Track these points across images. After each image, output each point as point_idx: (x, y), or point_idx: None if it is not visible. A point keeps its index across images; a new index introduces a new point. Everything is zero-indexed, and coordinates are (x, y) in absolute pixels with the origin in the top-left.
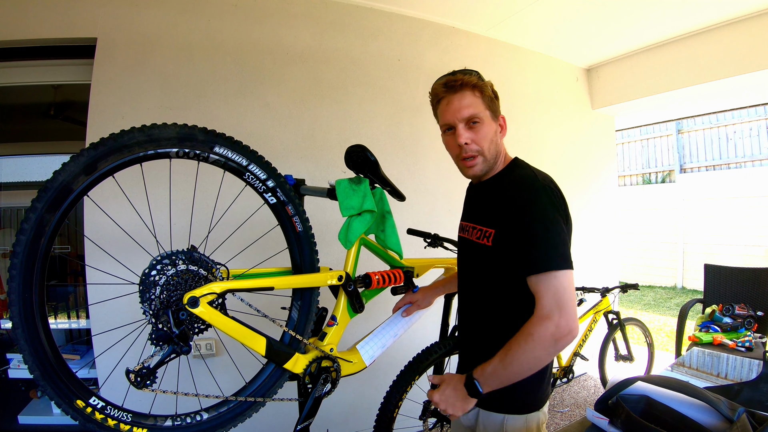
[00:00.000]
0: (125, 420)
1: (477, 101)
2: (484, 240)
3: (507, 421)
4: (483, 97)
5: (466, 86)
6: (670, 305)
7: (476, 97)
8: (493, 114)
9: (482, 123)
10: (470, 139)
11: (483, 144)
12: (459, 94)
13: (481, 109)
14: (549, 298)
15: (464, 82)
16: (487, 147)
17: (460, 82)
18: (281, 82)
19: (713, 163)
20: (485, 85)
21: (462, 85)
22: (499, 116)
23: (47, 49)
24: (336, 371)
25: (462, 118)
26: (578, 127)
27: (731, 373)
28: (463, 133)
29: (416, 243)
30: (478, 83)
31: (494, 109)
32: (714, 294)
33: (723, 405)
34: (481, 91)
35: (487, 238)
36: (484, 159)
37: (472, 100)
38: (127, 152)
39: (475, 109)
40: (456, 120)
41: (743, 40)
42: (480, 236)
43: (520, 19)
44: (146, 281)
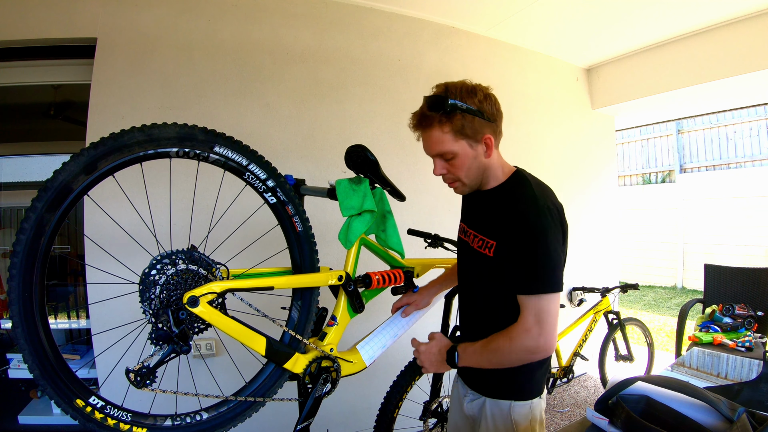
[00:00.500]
0: (125, 419)
1: (445, 137)
2: (485, 250)
3: (513, 408)
4: (452, 129)
5: (433, 122)
6: (670, 305)
7: (445, 133)
8: (470, 140)
9: (455, 156)
10: (445, 169)
11: (458, 173)
12: (427, 132)
13: (450, 144)
14: (531, 316)
15: (429, 120)
16: (464, 174)
17: (427, 120)
18: (281, 82)
19: (713, 163)
20: (454, 117)
21: (429, 122)
22: (482, 138)
23: (47, 49)
24: (336, 371)
25: (434, 154)
26: (578, 127)
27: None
28: (437, 165)
29: (416, 243)
30: (442, 118)
31: (471, 134)
32: (714, 294)
33: (723, 405)
34: (449, 123)
35: (489, 248)
36: (463, 183)
37: (439, 137)
38: (127, 152)
39: (443, 146)
40: (430, 154)
41: (743, 40)
42: (482, 246)
43: (520, 19)
44: (146, 281)
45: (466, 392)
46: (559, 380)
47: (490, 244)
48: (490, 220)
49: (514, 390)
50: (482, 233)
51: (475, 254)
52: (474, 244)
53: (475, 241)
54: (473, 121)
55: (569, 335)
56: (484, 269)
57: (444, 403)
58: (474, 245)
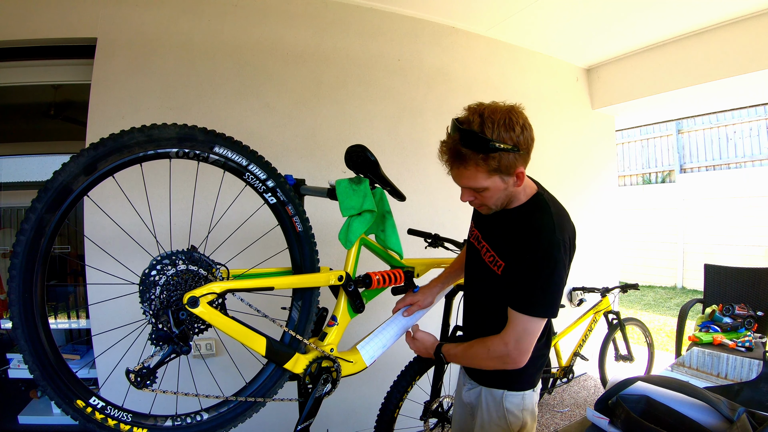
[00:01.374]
0: (125, 420)
1: (480, 175)
2: (495, 267)
3: (506, 397)
4: (488, 169)
5: (468, 162)
6: (670, 305)
7: (479, 171)
8: (503, 175)
9: (486, 189)
10: (473, 197)
11: (487, 202)
12: (461, 169)
13: (483, 180)
14: (513, 333)
15: (464, 158)
16: (493, 203)
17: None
18: (281, 82)
19: (713, 163)
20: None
21: (463, 160)
22: (515, 172)
23: (47, 49)
24: (336, 371)
25: (464, 186)
26: (578, 127)
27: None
28: (465, 194)
29: (416, 243)
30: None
31: (506, 170)
32: (714, 294)
33: (723, 405)
34: (485, 164)
35: (498, 267)
36: (489, 208)
37: (473, 174)
38: (127, 152)
39: (476, 182)
40: (459, 185)
41: (743, 40)
42: (492, 262)
43: (520, 19)
44: (146, 281)
45: (465, 381)
46: (559, 380)
47: (500, 264)
48: (504, 241)
49: (508, 381)
50: (494, 250)
51: (484, 267)
52: (485, 257)
53: (486, 255)
54: (509, 157)
55: (569, 335)
56: (491, 284)
57: (444, 403)
58: (485, 258)
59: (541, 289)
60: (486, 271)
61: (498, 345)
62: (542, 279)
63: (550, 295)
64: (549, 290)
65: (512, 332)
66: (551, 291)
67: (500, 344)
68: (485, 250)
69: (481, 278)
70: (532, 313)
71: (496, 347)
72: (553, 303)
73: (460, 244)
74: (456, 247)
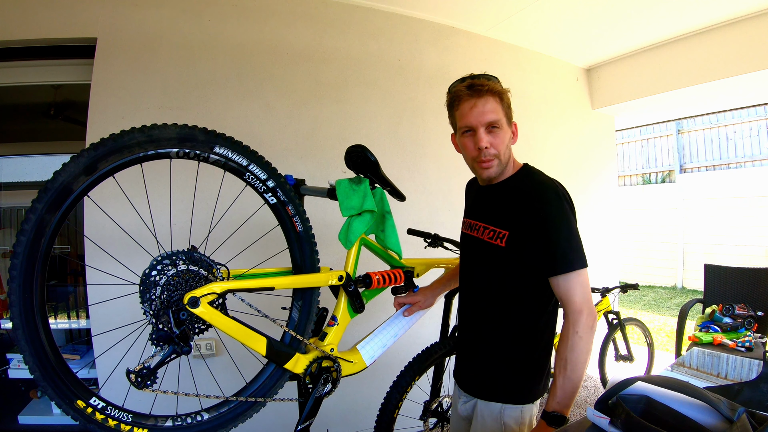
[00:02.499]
0: (126, 420)
1: (499, 108)
2: (497, 240)
3: (504, 410)
4: (503, 104)
5: (491, 92)
6: (670, 305)
7: (498, 104)
8: (508, 120)
9: (501, 129)
10: (490, 143)
11: (500, 148)
12: (484, 99)
13: (501, 116)
14: (579, 295)
15: (490, 88)
16: (503, 151)
17: (486, 87)
18: (281, 82)
19: (713, 163)
20: (506, 93)
21: (488, 90)
22: (513, 123)
23: (47, 49)
24: (336, 371)
25: (485, 122)
26: (578, 127)
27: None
28: (484, 137)
29: (416, 243)
30: (501, 91)
31: (509, 116)
32: (714, 294)
33: (723, 405)
34: (501, 98)
35: (501, 239)
36: (499, 162)
37: (494, 106)
38: (127, 152)
39: (497, 114)
40: (479, 124)
41: (743, 40)
42: (493, 236)
43: (520, 19)
44: (147, 281)
45: (460, 394)
46: None
47: (502, 234)
48: (502, 210)
49: (507, 393)
50: (493, 224)
51: (483, 248)
52: (484, 236)
53: (485, 233)
54: (510, 108)
55: None
56: (494, 262)
57: (444, 403)
58: (484, 237)
59: (568, 241)
60: (487, 250)
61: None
62: (564, 230)
63: (577, 244)
64: (575, 239)
65: (578, 298)
66: (577, 240)
67: (579, 318)
68: (482, 229)
69: (480, 262)
70: (575, 266)
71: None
72: (582, 251)
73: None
74: (456, 247)
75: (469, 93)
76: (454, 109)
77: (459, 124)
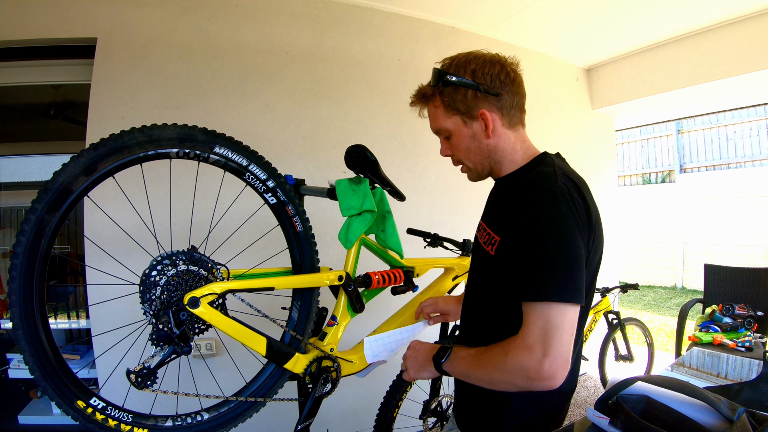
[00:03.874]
0: (126, 420)
1: (438, 112)
2: (489, 247)
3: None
4: (442, 105)
5: (421, 100)
6: (670, 305)
7: (436, 108)
8: (463, 116)
9: (451, 134)
10: (448, 150)
11: (459, 155)
12: (425, 108)
13: (443, 120)
14: (536, 330)
15: (416, 99)
16: (464, 156)
17: (413, 99)
18: (281, 82)
19: (713, 163)
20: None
21: (422, 98)
22: (478, 115)
23: (47, 49)
24: (336, 371)
25: (434, 130)
26: (578, 127)
27: (731, 373)
28: (442, 145)
29: (416, 243)
30: (429, 93)
31: (465, 109)
32: (714, 294)
33: (723, 405)
34: (439, 97)
35: (492, 245)
36: (469, 167)
37: (432, 112)
38: (127, 153)
39: (436, 122)
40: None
41: (743, 40)
42: (486, 241)
43: (520, 19)
44: (147, 282)
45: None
46: None
47: (494, 240)
48: (498, 211)
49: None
50: (490, 227)
51: (479, 251)
52: (481, 239)
53: (483, 236)
54: (466, 93)
55: None
56: (484, 270)
57: (443, 402)
58: (481, 241)
59: (549, 259)
60: (480, 256)
61: (519, 349)
62: (547, 245)
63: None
64: (560, 258)
65: (534, 330)
66: (563, 259)
67: (522, 348)
68: (483, 231)
69: (475, 267)
70: (548, 297)
71: (516, 352)
72: (570, 278)
73: (459, 244)
74: (455, 247)
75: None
76: None
77: None
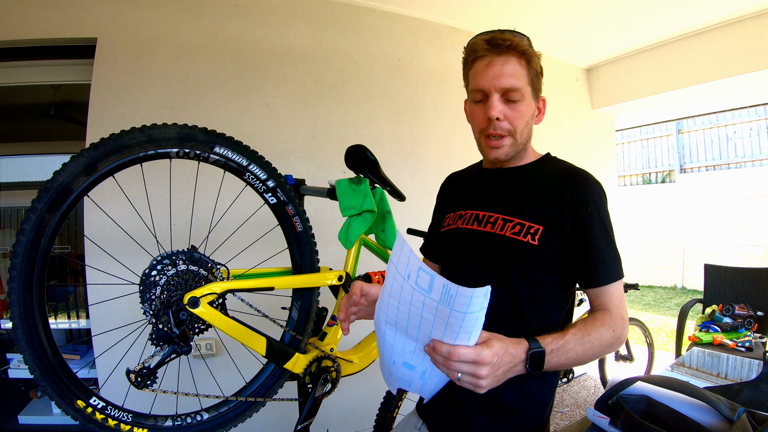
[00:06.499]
0: (126, 420)
1: (522, 72)
2: (526, 237)
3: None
4: (529, 69)
5: (514, 51)
6: (670, 305)
7: (522, 67)
8: (535, 92)
9: (522, 100)
10: (503, 114)
11: (517, 124)
12: (503, 57)
13: (524, 83)
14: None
15: (514, 45)
16: (521, 129)
17: (508, 43)
18: (281, 82)
19: (713, 163)
20: (535, 55)
21: (510, 47)
22: (540, 97)
23: (47, 49)
24: (336, 371)
25: (500, 87)
26: (578, 127)
27: (731, 373)
28: (497, 105)
29: (416, 243)
30: (528, 50)
31: (537, 87)
32: (714, 294)
33: (723, 405)
34: (528, 60)
35: (532, 235)
36: (513, 142)
37: (516, 69)
38: (127, 152)
39: (517, 80)
40: (492, 88)
41: (743, 40)
42: (520, 232)
43: (520, 19)
44: (146, 281)
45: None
46: (559, 380)
47: (535, 229)
48: (532, 200)
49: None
50: (520, 217)
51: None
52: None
53: (507, 228)
54: (539, 77)
55: None
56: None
57: None
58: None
59: (613, 244)
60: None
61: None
62: (611, 233)
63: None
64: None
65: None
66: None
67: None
68: (501, 222)
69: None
70: (620, 276)
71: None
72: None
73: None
74: None
75: (487, 48)
76: (468, 68)
77: (470, 87)
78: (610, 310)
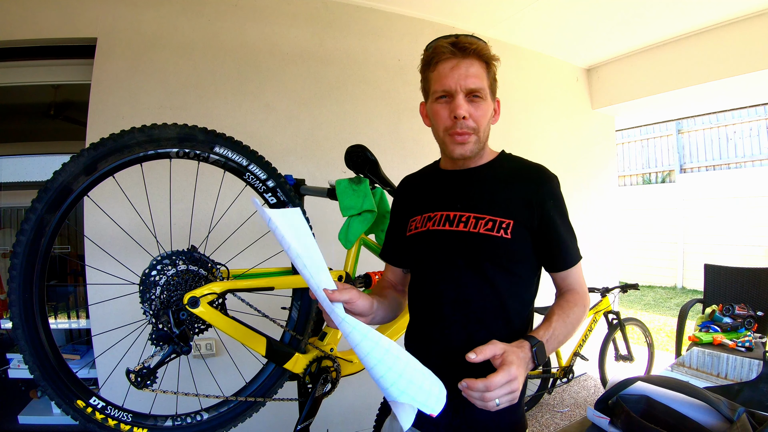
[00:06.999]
0: (125, 420)
1: (484, 75)
2: (500, 232)
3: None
4: (489, 72)
5: (478, 55)
6: (670, 305)
7: (483, 70)
8: (492, 94)
9: (484, 100)
10: (469, 113)
11: (480, 122)
12: (468, 60)
13: (486, 85)
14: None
15: (478, 49)
16: (483, 127)
17: (474, 47)
18: (281, 82)
19: (713, 163)
20: (494, 62)
21: (475, 51)
22: (496, 100)
23: (47, 49)
24: (336, 371)
25: (466, 87)
26: (578, 127)
27: (731, 373)
28: (463, 104)
29: None
30: (490, 56)
31: (494, 89)
32: (714, 294)
33: (723, 405)
34: (488, 65)
35: (504, 229)
36: (477, 140)
37: (479, 71)
38: (127, 152)
39: (481, 82)
40: (459, 87)
41: (743, 40)
42: (493, 227)
43: (520, 18)
44: (146, 281)
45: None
46: (559, 380)
47: (506, 223)
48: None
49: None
50: (491, 213)
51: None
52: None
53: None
54: (495, 81)
55: None
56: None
57: None
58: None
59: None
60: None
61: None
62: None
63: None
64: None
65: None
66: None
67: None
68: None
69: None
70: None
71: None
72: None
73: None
74: None
75: (452, 51)
76: (430, 70)
77: (433, 88)
78: (576, 290)
